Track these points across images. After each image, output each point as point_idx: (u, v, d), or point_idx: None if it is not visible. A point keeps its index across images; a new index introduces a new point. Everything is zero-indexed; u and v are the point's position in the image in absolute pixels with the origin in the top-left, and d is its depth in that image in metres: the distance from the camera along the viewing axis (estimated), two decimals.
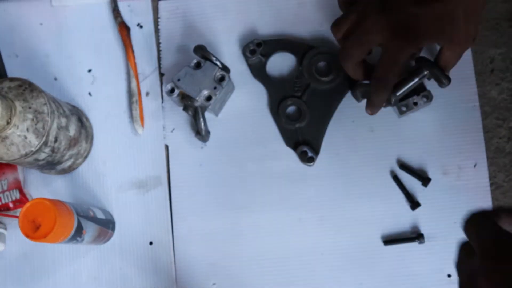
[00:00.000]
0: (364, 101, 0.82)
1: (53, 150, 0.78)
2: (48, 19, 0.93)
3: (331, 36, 0.87)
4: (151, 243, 0.86)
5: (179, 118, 0.88)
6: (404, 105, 0.82)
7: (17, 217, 0.83)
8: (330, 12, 0.88)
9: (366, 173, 0.84)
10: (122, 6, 0.92)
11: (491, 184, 0.82)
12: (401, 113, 0.83)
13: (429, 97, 0.81)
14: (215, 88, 0.82)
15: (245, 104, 0.88)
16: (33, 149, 0.75)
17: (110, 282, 0.85)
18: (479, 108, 0.84)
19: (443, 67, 0.77)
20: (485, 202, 0.82)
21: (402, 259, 0.82)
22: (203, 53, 0.83)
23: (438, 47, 0.78)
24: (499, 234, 0.42)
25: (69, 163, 0.85)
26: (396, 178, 0.83)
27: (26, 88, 0.75)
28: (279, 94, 0.86)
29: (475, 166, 0.83)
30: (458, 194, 0.82)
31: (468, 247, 0.45)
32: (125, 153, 0.88)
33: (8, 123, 0.72)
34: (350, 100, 0.85)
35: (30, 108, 0.74)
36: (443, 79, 0.77)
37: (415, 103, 0.82)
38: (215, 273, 0.84)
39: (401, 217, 0.83)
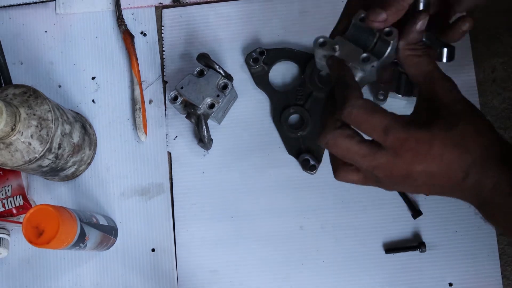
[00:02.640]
0: None
1: (56, 157, 0.79)
2: (53, 26, 0.94)
3: None
4: (153, 250, 0.86)
5: (182, 125, 0.89)
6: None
7: (20, 223, 0.83)
8: (332, 21, 0.88)
9: None
10: (126, 14, 0.93)
11: None
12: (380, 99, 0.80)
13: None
14: (218, 96, 0.83)
15: (247, 112, 0.88)
16: (37, 155, 0.75)
17: None
18: None
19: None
20: None
21: (404, 268, 0.82)
22: (206, 61, 0.83)
23: None
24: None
25: (72, 169, 0.86)
26: None
27: (31, 95, 0.76)
28: (282, 102, 0.87)
29: None
30: (459, 203, 0.80)
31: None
32: (128, 160, 0.89)
33: (12, 129, 0.72)
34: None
35: (34, 115, 0.75)
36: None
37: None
38: (217, 280, 0.84)
39: (403, 226, 0.83)
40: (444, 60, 0.65)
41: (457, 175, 0.55)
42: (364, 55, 0.59)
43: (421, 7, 0.62)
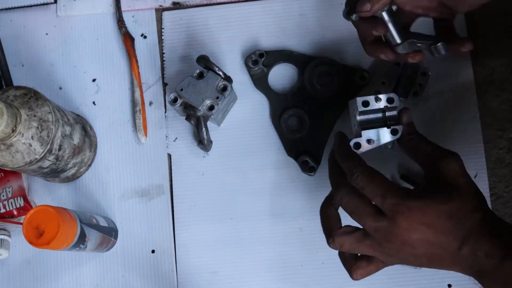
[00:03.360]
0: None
1: (57, 158, 0.79)
2: (54, 29, 0.94)
3: (332, 47, 0.88)
4: (153, 251, 0.86)
5: (182, 127, 0.89)
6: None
7: (21, 223, 0.83)
8: (331, 23, 0.89)
9: None
10: (126, 17, 0.93)
11: (492, 195, 0.83)
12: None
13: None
14: (217, 98, 0.83)
15: (247, 114, 0.88)
16: (37, 156, 0.75)
17: None
18: (479, 119, 0.84)
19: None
20: None
21: (403, 269, 0.82)
22: (206, 63, 0.84)
23: None
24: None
25: (73, 171, 0.86)
26: None
27: (32, 96, 0.76)
28: (281, 104, 0.87)
29: (475, 176, 0.83)
30: None
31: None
32: (128, 162, 0.89)
33: (13, 130, 0.73)
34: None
35: (35, 116, 0.75)
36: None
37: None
38: (217, 282, 0.85)
39: None
40: (443, 52, 0.70)
41: (452, 244, 0.60)
42: (390, 129, 0.71)
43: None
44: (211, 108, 0.83)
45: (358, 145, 0.72)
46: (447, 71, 0.86)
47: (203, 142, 0.84)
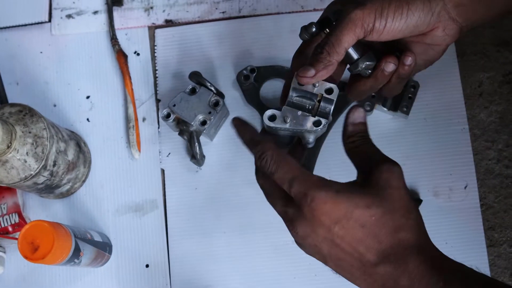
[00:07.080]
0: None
1: (51, 174, 0.80)
2: (48, 47, 0.96)
3: None
4: (147, 265, 0.87)
5: (175, 142, 0.90)
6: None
7: (16, 239, 0.84)
8: None
9: None
10: (120, 35, 0.95)
11: (482, 205, 0.83)
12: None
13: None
14: (209, 113, 0.84)
15: None
16: (32, 172, 0.76)
17: None
18: (469, 130, 0.85)
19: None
20: (476, 222, 0.83)
21: None
22: (198, 79, 0.85)
23: None
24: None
25: (67, 187, 0.87)
26: None
27: (26, 113, 0.77)
28: None
29: (465, 187, 0.84)
30: (449, 215, 0.83)
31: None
32: (122, 177, 0.90)
33: (8, 147, 0.74)
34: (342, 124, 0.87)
35: (30, 132, 0.76)
36: None
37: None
38: None
39: None
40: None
41: (366, 256, 0.53)
42: (315, 119, 0.63)
43: (355, 57, 0.65)
44: (203, 123, 0.84)
45: (273, 117, 0.64)
46: (435, 84, 0.87)
47: (196, 157, 0.85)
